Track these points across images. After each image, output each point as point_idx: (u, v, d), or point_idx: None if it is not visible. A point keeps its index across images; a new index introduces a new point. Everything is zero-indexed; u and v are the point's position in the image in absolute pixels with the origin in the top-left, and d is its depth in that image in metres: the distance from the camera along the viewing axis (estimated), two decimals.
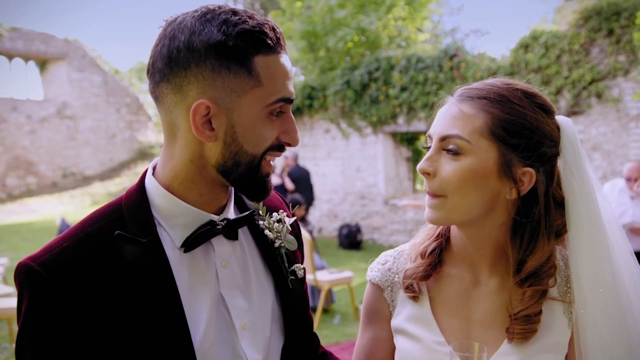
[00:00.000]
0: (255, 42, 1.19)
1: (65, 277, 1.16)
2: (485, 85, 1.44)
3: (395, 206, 13.91)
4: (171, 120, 1.25)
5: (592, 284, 1.41)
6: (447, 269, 1.55)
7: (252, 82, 1.19)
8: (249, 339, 1.32)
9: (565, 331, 1.43)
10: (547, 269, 1.43)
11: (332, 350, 1.78)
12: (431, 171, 1.41)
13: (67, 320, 1.15)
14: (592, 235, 1.42)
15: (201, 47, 1.16)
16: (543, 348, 1.41)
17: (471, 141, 1.37)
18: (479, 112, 1.39)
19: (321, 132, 15.23)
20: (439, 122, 1.43)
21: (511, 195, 1.40)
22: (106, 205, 1.32)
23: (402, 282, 1.57)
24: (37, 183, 21.27)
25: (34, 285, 1.16)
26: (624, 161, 9.81)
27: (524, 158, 1.38)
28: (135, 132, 24.21)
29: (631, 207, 6.43)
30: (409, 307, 1.55)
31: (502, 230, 1.46)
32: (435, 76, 12.68)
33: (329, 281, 7.61)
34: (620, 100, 10.47)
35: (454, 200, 1.38)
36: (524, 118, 1.38)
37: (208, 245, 1.32)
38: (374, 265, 1.67)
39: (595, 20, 10.64)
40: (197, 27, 1.17)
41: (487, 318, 1.47)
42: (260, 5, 28.89)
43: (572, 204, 1.43)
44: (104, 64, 24.00)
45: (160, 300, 1.21)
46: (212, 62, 1.17)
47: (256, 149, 1.23)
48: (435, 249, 1.56)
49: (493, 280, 1.49)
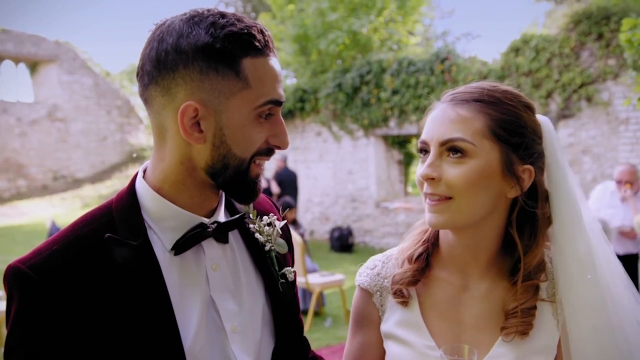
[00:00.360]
0: (243, 44, 1.19)
1: (55, 280, 1.16)
2: (475, 88, 1.46)
3: (386, 209, 13.92)
4: (160, 122, 1.25)
5: (576, 271, 1.44)
6: (436, 273, 1.55)
7: (240, 84, 1.20)
8: (239, 342, 1.32)
9: (554, 333, 1.45)
10: (539, 263, 1.47)
11: (323, 353, 1.78)
12: (435, 176, 1.40)
13: (56, 323, 1.14)
14: (574, 226, 1.46)
15: (189, 49, 1.17)
16: (533, 350, 1.42)
17: (475, 143, 1.38)
18: (477, 114, 1.40)
19: (313, 135, 15.23)
20: (435, 127, 1.43)
21: (513, 193, 1.43)
22: (96, 208, 1.31)
23: (390, 288, 1.57)
24: (28, 186, 21.14)
25: (23, 288, 1.15)
26: (613, 164, 9.88)
27: (523, 156, 1.42)
28: (126, 135, 24.11)
29: (622, 209, 6.46)
30: (399, 312, 1.55)
31: (497, 232, 1.48)
32: (427, 79, 12.71)
33: (321, 284, 7.61)
34: (610, 104, 10.54)
35: (461, 201, 1.39)
36: (518, 117, 1.42)
37: (198, 248, 1.31)
38: (363, 270, 1.66)
39: (585, 24, 10.71)
40: (185, 30, 1.18)
41: (477, 321, 1.48)
42: (252, 9, 28.88)
43: (555, 197, 1.48)
44: (95, 66, 23.89)
45: (150, 303, 1.20)
46: (199, 64, 1.17)
47: (245, 152, 1.23)
48: (422, 254, 1.56)
49: (483, 284, 1.50)
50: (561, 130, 11.22)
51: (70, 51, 22.69)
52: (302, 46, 16.16)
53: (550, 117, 10.54)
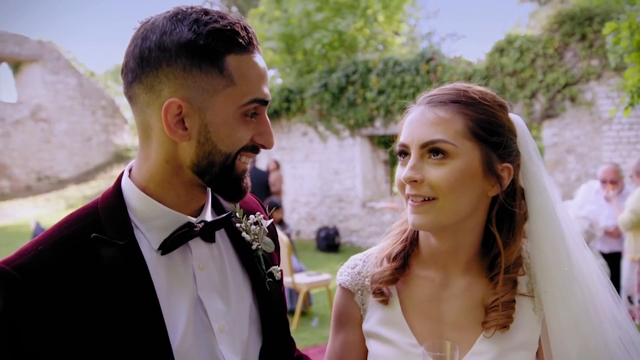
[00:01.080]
0: (227, 41, 1.19)
1: (41, 281, 1.15)
2: (450, 89, 1.48)
3: (372, 209, 13.94)
4: (145, 120, 1.25)
5: (552, 265, 1.47)
6: (416, 271, 1.56)
7: (224, 82, 1.20)
8: (227, 342, 1.32)
9: (535, 329, 1.47)
10: (517, 258, 1.50)
11: (310, 353, 1.78)
12: (418, 178, 1.42)
13: (43, 324, 1.14)
14: (549, 220, 1.49)
15: (172, 46, 1.17)
16: (515, 345, 1.44)
17: (456, 144, 1.40)
18: (455, 115, 1.42)
19: (299, 135, 15.21)
20: (414, 130, 1.45)
21: (493, 192, 1.45)
22: (82, 208, 1.30)
23: (370, 287, 1.58)
24: (11, 187, 20.91)
25: (8, 289, 1.14)
26: (597, 164, 9.98)
27: (502, 155, 1.45)
28: (111, 135, 23.91)
29: (606, 208, 6.54)
30: (380, 311, 1.56)
31: (477, 231, 1.50)
32: (412, 79, 12.75)
33: (307, 284, 7.61)
34: (594, 104, 10.64)
35: (445, 202, 1.40)
36: (496, 117, 1.45)
37: (185, 248, 1.31)
38: (344, 269, 1.67)
39: (569, 25, 10.80)
40: (168, 27, 1.18)
41: (458, 319, 1.50)
42: (237, 8, 28.81)
43: (530, 193, 1.51)
44: (79, 66, 23.68)
45: (138, 303, 1.20)
46: (182, 61, 1.17)
47: (230, 148, 1.23)
48: (401, 252, 1.57)
49: (464, 281, 1.51)
50: (545, 130, 11.31)
51: (54, 51, 22.46)
52: (287, 45, 16.13)
53: (534, 117, 10.58)
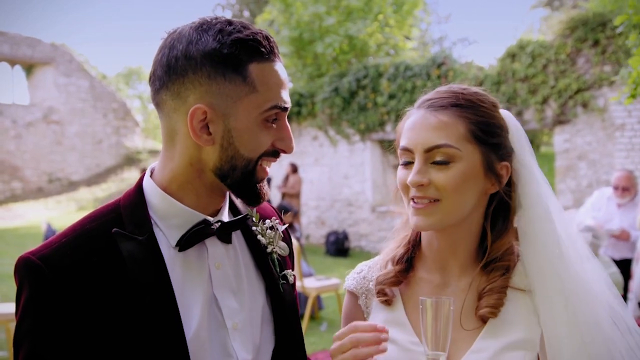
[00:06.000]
0: (249, 50, 1.25)
1: (64, 271, 1.21)
2: (448, 92, 1.52)
3: (382, 213, 13.93)
4: (170, 125, 1.31)
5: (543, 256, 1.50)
6: (419, 274, 1.60)
7: (247, 89, 1.25)
8: (240, 339, 1.36)
9: (536, 329, 1.48)
10: (507, 247, 1.54)
11: (319, 357, 1.79)
12: (425, 182, 1.45)
13: (64, 312, 1.19)
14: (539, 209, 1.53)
15: (197, 55, 1.24)
16: (513, 345, 1.45)
17: (459, 147, 1.44)
18: (457, 118, 1.46)
19: (309, 139, 15.25)
20: (417, 134, 1.48)
21: (492, 189, 1.51)
22: (105, 206, 1.37)
23: (374, 289, 1.62)
24: (23, 188, 21.08)
25: (33, 278, 1.21)
26: (609, 170, 9.92)
27: (500, 154, 1.50)
28: (122, 138, 24.08)
29: (618, 215, 6.49)
30: (383, 312, 1.60)
31: (476, 228, 1.55)
32: (423, 84, 12.73)
33: (317, 288, 7.62)
34: (606, 110, 10.59)
35: (449, 203, 1.45)
36: (493, 118, 1.51)
37: (202, 247, 1.35)
38: (351, 275, 1.73)
39: (582, 30, 10.77)
40: (194, 37, 1.25)
41: (458, 318, 1.51)
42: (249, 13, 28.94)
43: (521, 185, 1.55)
44: (91, 69, 23.91)
45: (155, 296, 1.25)
46: (207, 69, 1.24)
47: (252, 153, 1.29)
48: (404, 255, 1.61)
49: (462, 281, 1.55)
50: (557, 136, 11.27)
51: (66, 54, 22.68)
52: (297, 49, 16.18)
53: (545, 123, 10.49)
